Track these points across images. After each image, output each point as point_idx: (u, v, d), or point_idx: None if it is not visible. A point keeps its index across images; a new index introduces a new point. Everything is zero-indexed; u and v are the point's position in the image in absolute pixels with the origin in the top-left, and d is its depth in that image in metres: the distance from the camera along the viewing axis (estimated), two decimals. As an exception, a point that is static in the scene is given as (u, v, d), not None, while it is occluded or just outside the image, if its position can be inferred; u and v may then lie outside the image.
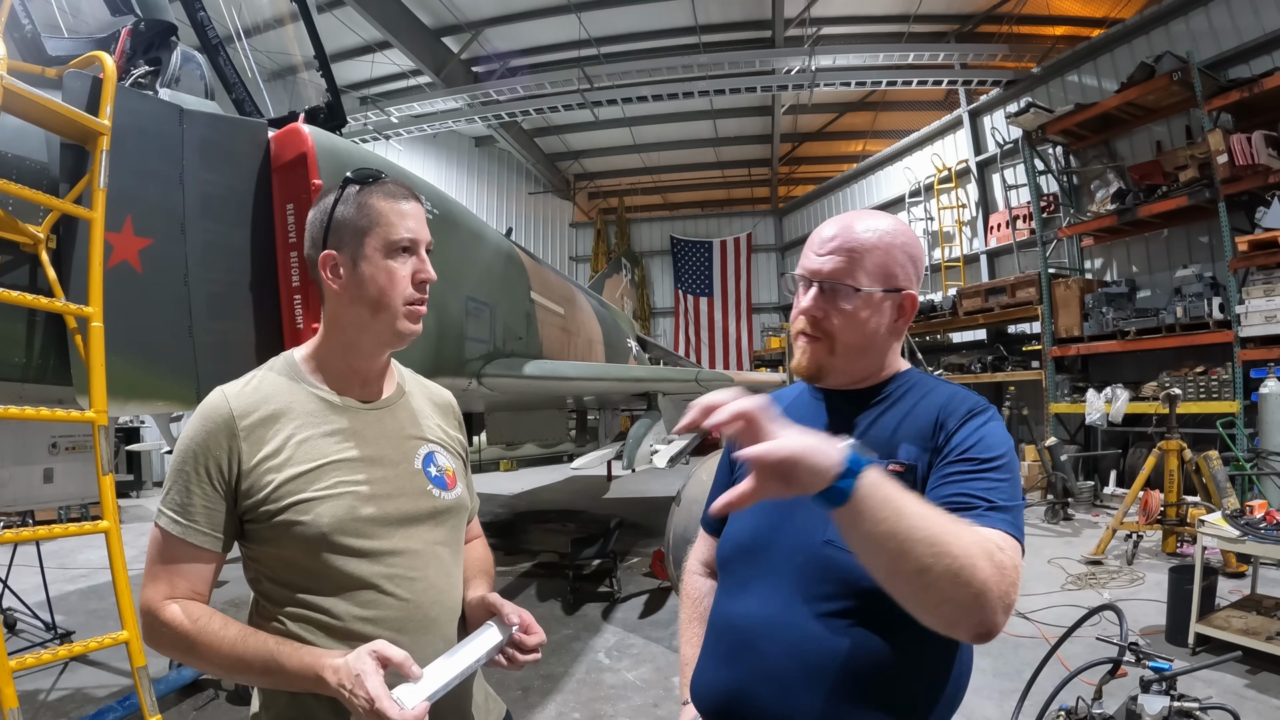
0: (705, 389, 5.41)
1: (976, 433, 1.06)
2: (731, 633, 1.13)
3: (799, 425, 1.03)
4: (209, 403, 1.11)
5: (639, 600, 5.16)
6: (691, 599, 1.36)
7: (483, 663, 1.10)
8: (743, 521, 1.21)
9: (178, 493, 1.08)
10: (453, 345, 3.99)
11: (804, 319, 1.17)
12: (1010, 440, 1.09)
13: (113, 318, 2.24)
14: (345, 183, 1.18)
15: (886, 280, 1.14)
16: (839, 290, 1.13)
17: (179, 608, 1.05)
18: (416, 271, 1.16)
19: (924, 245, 1.19)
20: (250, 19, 6.05)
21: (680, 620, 1.38)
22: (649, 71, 11.57)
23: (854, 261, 1.13)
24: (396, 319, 1.15)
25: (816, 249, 1.16)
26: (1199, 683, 3.22)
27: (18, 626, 4.44)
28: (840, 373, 1.18)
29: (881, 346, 1.17)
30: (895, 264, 1.14)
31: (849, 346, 1.15)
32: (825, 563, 1.06)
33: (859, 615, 1.02)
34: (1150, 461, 5.84)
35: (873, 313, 1.14)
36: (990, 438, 1.06)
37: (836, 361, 1.16)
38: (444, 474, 1.23)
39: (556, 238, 18.46)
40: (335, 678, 0.97)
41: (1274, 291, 6.88)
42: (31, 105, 2.05)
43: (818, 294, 1.15)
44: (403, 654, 0.99)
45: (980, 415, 1.09)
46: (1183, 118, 8.53)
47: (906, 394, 1.17)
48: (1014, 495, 1.02)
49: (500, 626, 1.14)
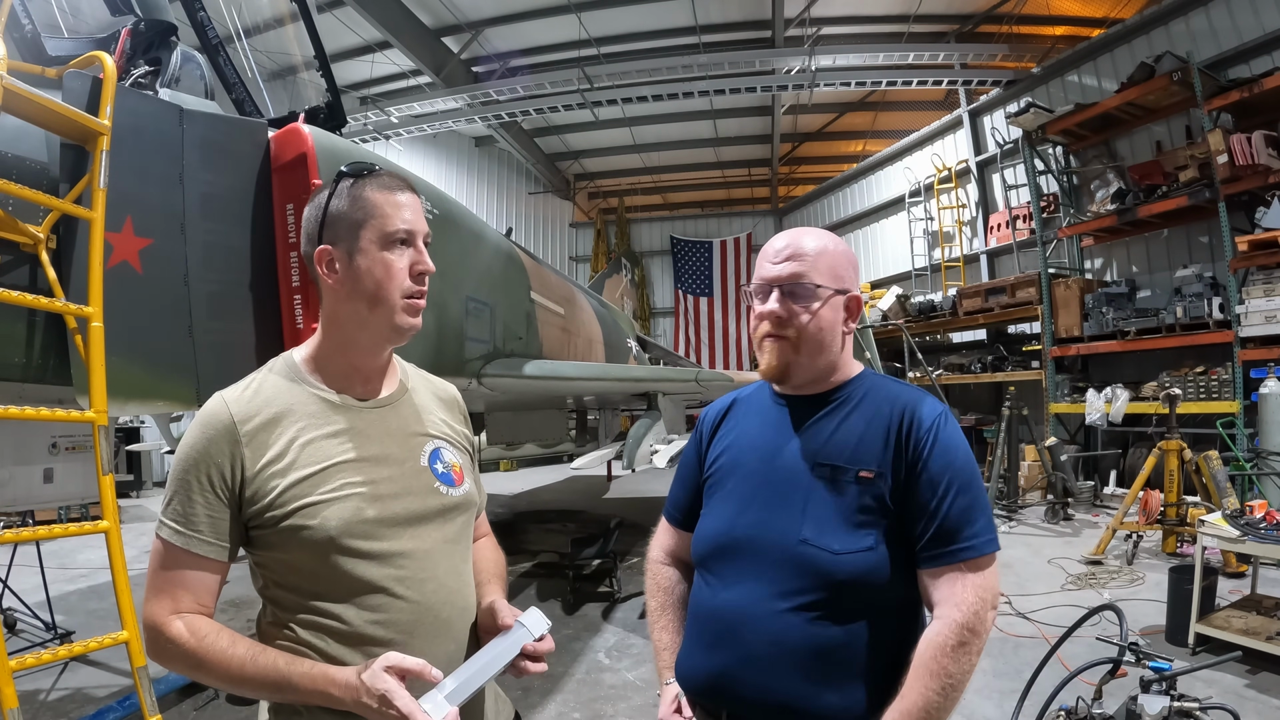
0: (705, 389, 5.41)
1: (941, 444, 1.19)
2: (715, 622, 1.24)
3: (761, 427, 1.34)
4: (208, 409, 1.09)
5: (639, 600, 5.15)
6: (662, 589, 1.45)
7: (504, 667, 1.09)
8: (721, 518, 1.30)
9: (179, 502, 1.05)
10: (452, 345, 3.99)
11: (768, 322, 1.27)
12: (963, 435, 1.24)
13: (113, 318, 2.24)
14: (339, 177, 1.15)
15: (836, 280, 1.27)
16: (799, 290, 1.25)
17: (184, 624, 1.02)
18: (414, 263, 1.13)
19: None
20: (250, 19, 6.05)
21: (650, 608, 1.45)
22: (649, 71, 11.57)
23: (808, 264, 1.25)
24: (394, 313, 1.12)
25: (771, 259, 1.28)
26: (1199, 683, 3.22)
27: (18, 626, 4.44)
28: (804, 369, 1.28)
29: (837, 345, 1.29)
30: (840, 267, 1.28)
31: (812, 342, 1.25)
32: (801, 560, 1.17)
33: (830, 606, 1.15)
34: (1150, 461, 5.84)
35: (829, 310, 1.26)
36: (953, 448, 1.19)
37: (801, 359, 1.27)
38: (451, 470, 1.21)
39: (556, 238, 18.45)
40: (351, 696, 0.96)
41: (1274, 291, 6.88)
42: (31, 105, 2.06)
43: (780, 296, 1.26)
44: (418, 662, 0.99)
45: (941, 423, 1.21)
46: (1183, 118, 8.53)
47: (865, 397, 1.28)
48: (980, 499, 1.18)
49: (526, 624, 1.12)
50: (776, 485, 1.24)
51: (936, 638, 1.10)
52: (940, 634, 1.10)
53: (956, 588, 1.12)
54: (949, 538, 1.14)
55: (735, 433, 1.38)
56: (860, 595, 1.15)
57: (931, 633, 1.12)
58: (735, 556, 1.24)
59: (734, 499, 1.29)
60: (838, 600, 1.14)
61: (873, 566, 1.14)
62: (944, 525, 1.14)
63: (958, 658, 1.08)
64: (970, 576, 1.13)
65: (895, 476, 1.18)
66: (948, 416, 1.23)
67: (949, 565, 1.14)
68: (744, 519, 1.25)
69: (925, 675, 1.08)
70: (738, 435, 1.37)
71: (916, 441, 1.18)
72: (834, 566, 1.15)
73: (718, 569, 1.26)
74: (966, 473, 1.18)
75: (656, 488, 10.18)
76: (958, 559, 1.13)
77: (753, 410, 1.39)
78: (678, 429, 5.70)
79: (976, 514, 1.16)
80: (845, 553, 1.15)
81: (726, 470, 1.34)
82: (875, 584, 1.14)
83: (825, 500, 1.19)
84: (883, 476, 1.18)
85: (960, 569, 1.13)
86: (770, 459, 1.27)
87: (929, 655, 1.10)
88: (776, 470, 1.26)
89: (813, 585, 1.15)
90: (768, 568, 1.19)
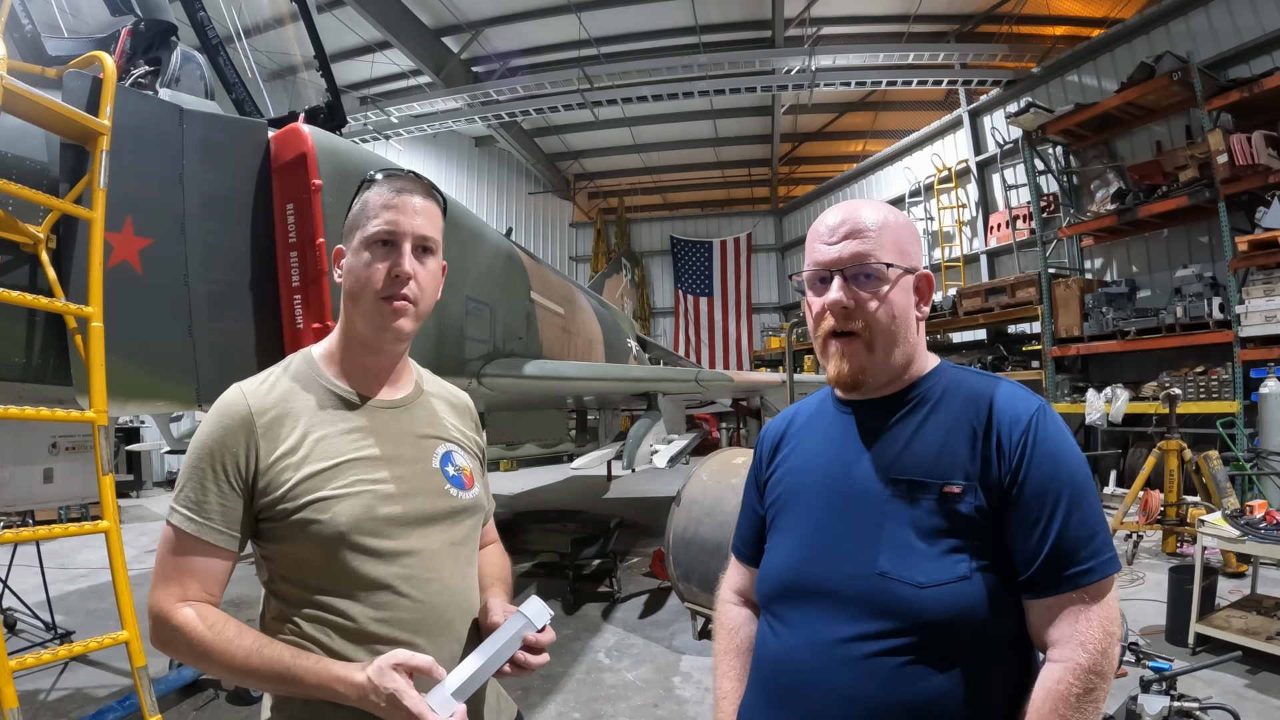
0: (705, 389, 5.41)
1: (1043, 446, 0.99)
2: (779, 674, 1.06)
3: (825, 442, 1.11)
4: (226, 399, 1.11)
5: (639, 600, 5.16)
6: (727, 629, 1.28)
7: (506, 659, 1.08)
8: (785, 554, 1.13)
9: (193, 490, 1.05)
10: (453, 345, 3.99)
11: (831, 315, 1.06)
12: (1069, 431, 1.03)
13: (113, 318, 2.24)
14: (364, 181, 1.20)
15: (904, 257, 1.07)
16: (868, 272, 1.05)
17: (192, 611, 1.02)
18: (392, 265, 1.13)
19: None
20: (250, 19, 6.05)
21: (715, 651, 1.29)
22: (649, 71, 11.57)
23: (872, 241, 1.05)
24: (370, 313, 1.13)
25: (826, 239, 1.08)
26: (1199, 683, 3.22)
27: (18, 626, 4.44)
28: (882, 371, 1.08)
29: (913, 335, 1.09)
30: (906, 241, 1.08)
31: (888, 336, 1.05)
32: (880, 596, 0.98)
33: (919, 651, 0.95)
34: (1150, 461, 5.83)
35: (902, 294, 1.06)
36: (1059, 449, 0.99)
37: (878, 358, 1.06)
38: (461, 473, 1.22)
39: (556, 238, 18.46)
40: (357, 693, 0.96)
41: (1274, 291, 6.87)
42: (31, 105, 2.05)
43: (843, 284, 1.05)
44: (426, 659, 0.99)
45: (1040, 420, 1.00)
46: (1183, 118, 8.53)
47: (945, 394, 1.07)
48: (1094, 509, 0.98)
49: (528, 615, 1.10)
50: (846, 509, 1.05)
51: (1058, 686, 0.91)
52: (1062, 681, 0.91)
53: (1079, 623, 0.92)
54: (1065, 562, 0.94)
55: (797, 452, 1.19)
56: (955, 636, 0.95)
57: (1051, 679, 0.92)
58: (801, 597, 1.06)
59: (797, 529, 1.11)
60: (927, 643, 0.95)
61: (968, 600, 0.95)
62: (1058, 547, 0.94)
63: (1083, 708, 0.89)
64: (1093, 608, 0.93)
65: (988, 489, 0.98)
66: (1046, 411, 1.02)
67: (1066, 595, 0.94)
68: (809, 552, 1.07)
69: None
70: (799, 455, 1.18)
71: (1012, 446, 0.98)
72: (920, 602, 0.95)
73: (782, 612, 1.08)
74: (1079, 479, 0.98)
75: (656, 488, 10.19)
76: (1077, 586, 0.94)
77: (814, 424, 1.19)
78: (678, 429, 5.71)
79: (1094, 527, 0.96)
80: (933, 585, 0.95)
81: (789, 496, 1.16)
82: (973, 621, 0.95)
83: (905, 523, 1.00)
84: (973, 490, 0.98)
85: (1080, 598, 0.94)
86: (837, 479, 1.08)
87: (1049, 708, 0.91)
88: (845, 492, 1.06)
89: (895, 627, 0.96)
90: (840, 608, 1.01)
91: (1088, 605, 0.94)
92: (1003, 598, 0.96)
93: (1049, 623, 0.95)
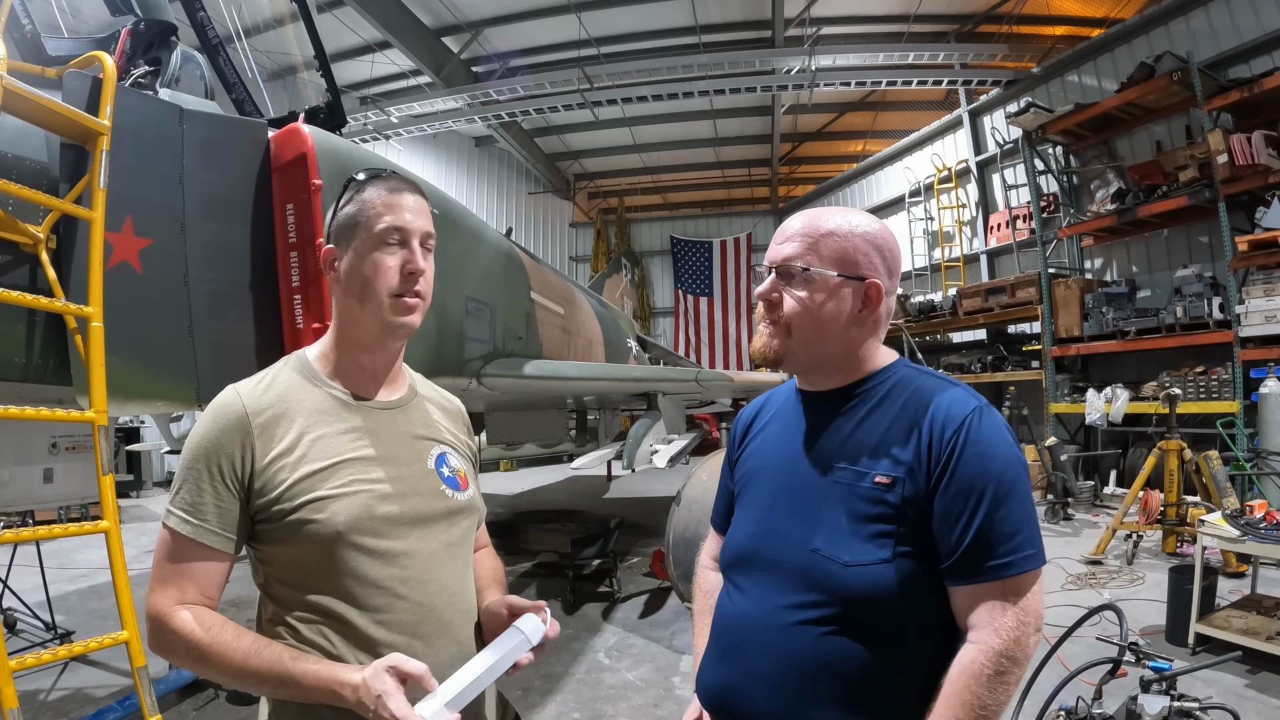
0: (705, 389, 5.41)
1: (974, 446, 1.05)
2: (726, 633, 1.19)
3: (784, 428, 1.20)
4: (222, 400, 1.10)
5: (639, 600, 5.16)
6: (704, 591, 1.39)
7: (506, 668, 1.08)
8: (742, 528, 1.25)
9: (188, 492, 1.05)
10: (452, 345, 3.99)
11: (761, 303, 1.20)
12: (1009, 433, 1.10)
13: (113, 318, 2.24)
14: (349, 181, 1.19)
15: (844, 266, 1.15)
16: (790, 272, 1.16)
17: (190, 614, 1.02)
18: (405, 262, 1.14)
19: (900, 245, 1.22)
20: (250, 19, 6.05)
21: (694, 611, 1.41)
22: (649, 71, 11.57)
23: (809, 247, 1.16)
24: (382, 310, 1.13)
25: (778, 239, 1.20)
26: (1199, 683, 3.22)
27: (18, 626, 4.44)
28: (798, 358, 1.19)
29: (844, 336, 1.16)
30: (856, 251, 1.15)
31: (804, 330, 1.16)
32: (811, 570, 1.09)
33: (842, 622, 1.05)
34: (1150, 461, 5.84)
35: (828, 297, 1.14)
36: (990, 450, 1.05)
37: (794, 346, 1.17)
38: (456, 475, 1.22)
39: (556, 238, 18.45)
40: (354, 695, 0.96)
41: (1274, 291, 6.88)
42: (31, 105, 2.06)
43: (773, 278, 1.18)
44: (421, 667, 0.98)
45: (974, 421, 1.06)
46: (1183, 118, 8.53)
47: (890, 392, 1.15)
48: (1022, 507, 1.04)
49: (524, 631, 1.10)
50: (794, 491, 1.16)
51: (972, 665, 0.99)
52: (976, 661, 0.99)
53: (995, 611, 1.00)
54: (985, 554, 1.01)
55: (761, 436, 1.31)
56: (876, 612, 1.04)
57: (965, 659, 1.01)
58: (752, 566, 1.18)
59: (755, 506, 1.24)
60: (850, 615, 1.05)
61: (886, 581, 1.04)
62: (979, 540, 1.01)
63: (994, 687, 0.98)
64: (1011, 598, 1.01)
65: (916, 482, 1.06)
66: (984, 412, 1.08)
67: (985, 585, 1.02)
68: (761, 527, 1.19)
69: (956, 705, 0.98)
70: (763, 438, 1.30)
71: (944, 443, 1.05)
72: (844, 579, 1.05)
73: (737, 579, 1.21)
74: (1006, 478, 1.04)
75: (656, 488, 10.18)
76: (996, 577, 1.01)
77: (780, 412, 1.31)
78: (678, 429, 5.70)
79: (1017, 525, 1.02)
80: (857, 564, 1.05)
81: (750, 476, 1.28)
82: (890, 600, 1.03)
83: (840, 506, 1.09)
84: (902, 481, 1.06)
85: (999, 589, 1.01)
86: (790, 463, 1.19)
87: (961, 683, 0.99)
88: (795, 474, 1.18)
89: (823, 599, 1.06)
90: (782, 579, 1.12)
91: (1006, 596, 1.01)
92: (921, 583, 1.05)
93: (969, 609, 1.04)
